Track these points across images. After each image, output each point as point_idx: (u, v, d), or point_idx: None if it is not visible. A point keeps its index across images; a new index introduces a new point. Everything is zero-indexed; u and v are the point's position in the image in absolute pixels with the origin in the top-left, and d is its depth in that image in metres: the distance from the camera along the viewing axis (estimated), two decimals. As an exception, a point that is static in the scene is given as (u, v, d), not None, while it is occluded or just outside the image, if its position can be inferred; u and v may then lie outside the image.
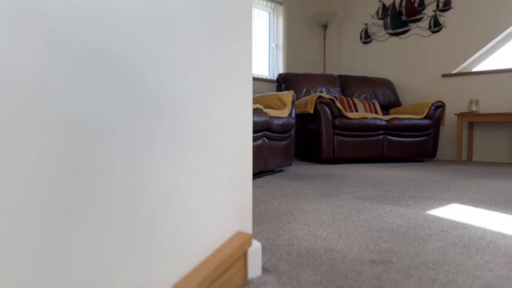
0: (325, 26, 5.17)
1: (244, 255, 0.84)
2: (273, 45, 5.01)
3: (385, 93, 4.60)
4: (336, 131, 3.67)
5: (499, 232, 1.23)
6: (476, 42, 4.21)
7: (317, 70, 5.50)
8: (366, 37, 5.07)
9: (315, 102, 3.63)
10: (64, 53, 0.46)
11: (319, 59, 5.52)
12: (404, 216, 1.48)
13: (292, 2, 5.08)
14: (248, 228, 0.88)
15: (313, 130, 3.77)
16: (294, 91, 4.27)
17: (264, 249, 1.07)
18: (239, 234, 0.84)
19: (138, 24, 0.57)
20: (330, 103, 3.64)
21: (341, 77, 4.69)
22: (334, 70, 5.43)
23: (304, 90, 4.32)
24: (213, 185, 0.77)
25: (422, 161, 4.15)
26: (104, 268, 0.51)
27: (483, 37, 4.16)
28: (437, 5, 4.45)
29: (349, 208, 1.62)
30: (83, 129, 0.48)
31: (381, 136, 3.85)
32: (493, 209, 1.60)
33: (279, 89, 4.42)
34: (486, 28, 4.13)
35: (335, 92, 4.50)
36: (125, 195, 0.55)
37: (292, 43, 5.12)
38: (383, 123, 3.80)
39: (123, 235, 0.54)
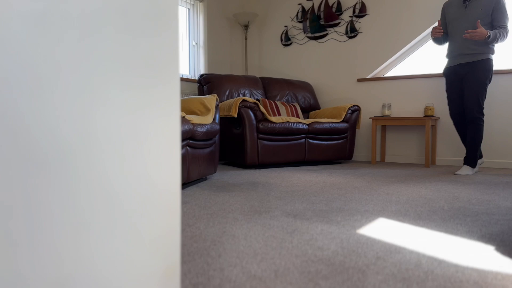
0: (246, 26, 5.09)
1: (173, 329, 0.69)
2: (194, 43, 4.80)
3: (305, 96, 4.67)
4: (260, 136, 3.61)
5: (433, 257, 1.22)
6: (389, 48, 4.45)
7: (239, 70, 5.41)
8: (287, 39, 5.09)
9: (239, 106, 3.52)
10: None
11: (241, 60, 5.44)
12: (337, 238, 1.43)
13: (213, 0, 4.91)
14: (177, 294, 0.73)
15: (237, 135, 3.67)
16: (217, 93, 4.12)
17: (193, 301, 0.92)
18: (165, 305, 0.68)
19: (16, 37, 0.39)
20: (254, 107, 3.56)
21: (263, 79, 4.64)
22: (256, 71, 5.39)
23: (227, 92, 4.19)
24: (127, 250, 0.60)
25: (340, 163, 4.28)
26: None
27: (396, 43, 4.40)
28: (354, 11, 4.61)
29: (280, 230, 1.53)
30: None
31: (303, 140, 3.88)
32: (419, 224, 1.63)
33: (201, 90, 4.24)
34: (398, 35, 4.38)
35: (258, 95, 4.44)
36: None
37: (213, 41, 4.96)
38: (305, 127, 3.83)
39: None
